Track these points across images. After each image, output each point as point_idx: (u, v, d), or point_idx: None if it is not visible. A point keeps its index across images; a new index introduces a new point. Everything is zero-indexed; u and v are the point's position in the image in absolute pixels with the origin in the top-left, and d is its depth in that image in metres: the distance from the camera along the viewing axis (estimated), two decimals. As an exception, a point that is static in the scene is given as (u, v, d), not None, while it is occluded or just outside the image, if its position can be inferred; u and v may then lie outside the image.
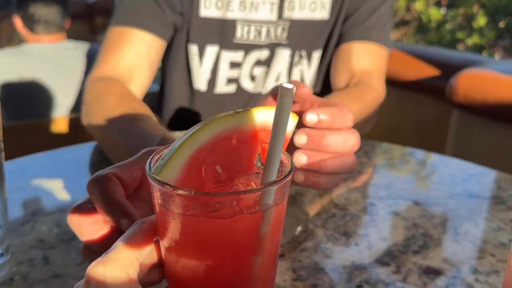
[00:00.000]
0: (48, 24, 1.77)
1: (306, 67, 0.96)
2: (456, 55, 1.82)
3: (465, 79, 1.51)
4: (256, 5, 0.89)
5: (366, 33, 0.90)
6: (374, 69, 0.89)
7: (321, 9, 0.92)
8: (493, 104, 1.44)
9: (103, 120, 0.71)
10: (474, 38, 6.77)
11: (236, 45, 0.91)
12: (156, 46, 0.86)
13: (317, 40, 0.94)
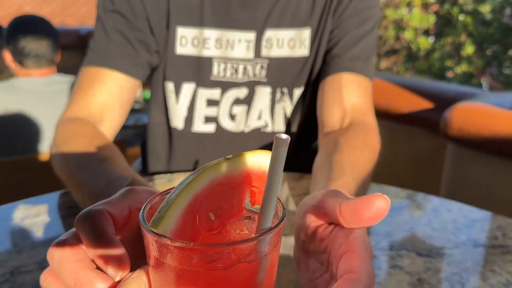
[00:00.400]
0: (38, 58, 1.76)
1: (289, 104, 0.94)
2: (449, 87, 1.83)
3: (459, 112, 1.51)
4: (232, 43, 0.88)
5: (351, 64, 0.87)
6: (365, 103, 0.87)
7: (300, 46, 0.90)
8: (488, 138, 1.43)
9: (72, 161, 0.69)
10: (462, 66, 6.89)
11: (213, 82, 0.90)
12: (129, 86, 0.86)
13: (298, 78, 0.92)
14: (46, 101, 1.73)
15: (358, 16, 0.88)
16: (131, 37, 0.85)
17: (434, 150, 1.76)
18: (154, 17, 0.86)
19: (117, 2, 0.84)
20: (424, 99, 1.77)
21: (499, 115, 1.43)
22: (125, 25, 0.85)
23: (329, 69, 0.88)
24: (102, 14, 0.86)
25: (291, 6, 0.88)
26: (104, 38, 0.85)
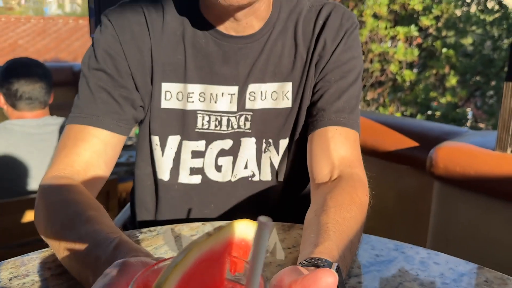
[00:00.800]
0: (31, 100, 1.77)
1: (275, 154, 0.95)
2: (434, 126, 1.88)
3: (444, 152, 1.55)
4: (215, 97, 0.90)
5: (336, 117, 0.88)
6: (353, 155, 0.88)
7: (283, 98, 0.92)
8: (473, 177, 1.47)
9: (56, 222, 0.69)
10: (447, 96, 7.05)
11: (197, 134, 0.91)
12: (114, 142, 0.87)
13: (282, 129, 0.94)
14: (38, 143, 1.74)
15: (340, 68, 0.90)
16: (116, 94, 0.86)
17: (421, 188, 1.79)
18: (139, 75, 0.88)
19: (102, 61, 0.86)
20: (409, 137, 1.81)
21: (483, 155, 1.47)
22: (110, 83, 0.86)
23: (316, 123, 0.89)
24: (87, 72, 0.87)
25: (272, 62, 0.90)
26: (88, 96, 0.86)
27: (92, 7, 3.54)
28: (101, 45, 0.87)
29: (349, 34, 0.91)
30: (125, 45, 0.86)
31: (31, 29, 11.32)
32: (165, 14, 0.89)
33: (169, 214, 0.98)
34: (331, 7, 0.92)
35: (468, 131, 1.72)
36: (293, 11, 0.92)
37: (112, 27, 0.87)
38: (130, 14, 0.88)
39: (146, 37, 0.88)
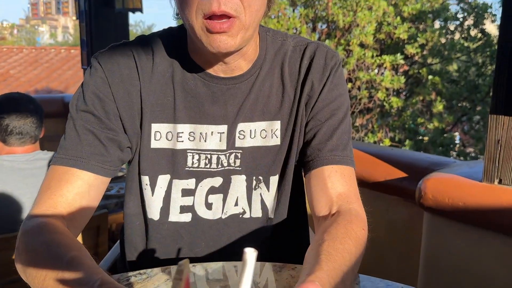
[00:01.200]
0: (22, 136, 1.77)
1: (265, 190, 0.96)
2: (422, 156, 1.90)
3: (432, 183, 1.57)
4: (204, 136, 0.92)
5: (330, 156, 0.91)
6: (350, 191, 0.90)
7: (272, 136, 0.94)
8: (462, 209, 1.49)
9: (38, 263, 0.69)
10: (434, 122, 7.15)
11: (187, 172, 0.92)
12: (98, 183, 0.87)
13: (272, 165, 0.95)
14: (28, 179, 1.73)
15: (329, 107, 0.93)
16: (102, 136, 0.87)
17: (411, 218, 1.80)
18: (127, 117, 0.89)
19: (90, 103, 0.87)
20: (398, 168, 1.83)
21: (471, 187, 1.49)
22: (97, 125, 0.87)
23: (312, 163, 0.92)
24: (75, 114, 0.88)
25: (260, 101, 0.93)
26: (74, 137, 0.86)
27: (84, 39, 3.58)
28: (90, 87, 0.88)
29: (334, 73, 0.94)
30: (114, 88, 0.88)
31: (23, 59, 11.35)
32: (154, 57, 0.91)
33: (159, 253, 0.98)
34: (314, 47, 0.95)
35: (456, 161, 1.75)
36: (278, 52, 0.95)
37: (101, 70, 0.88)
38: (120, 57, 0.90)
39: (136, 80, 0.89)
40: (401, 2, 7.00)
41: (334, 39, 7.08)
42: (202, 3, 0.76)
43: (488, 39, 7.57)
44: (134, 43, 0.93)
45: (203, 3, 0.76)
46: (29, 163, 1.76)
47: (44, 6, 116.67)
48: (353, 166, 0.93)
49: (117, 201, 2.42)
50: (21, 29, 52.64)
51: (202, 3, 0.76)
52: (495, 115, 1.41)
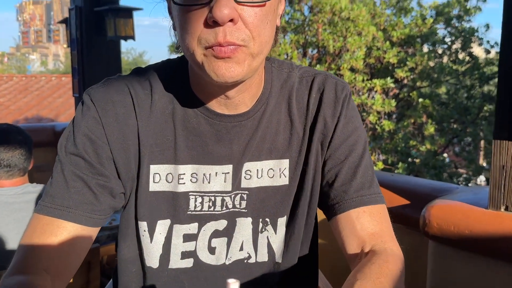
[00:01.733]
0: (10, 168, 1.71)
1: (272, 233, 0.89)
2: (424, 183, 1.87)
3: (437, 210, 1.53)
4: (208, 177, 0.84)
5: (358, 197, 0.84)
6: (382, 230, 0.83)
7: (280, 176, 0.87)
8: (468, 237, 1.44)
9: None
10: (426, 144, 7.18)
11: (189, 216, 0.85)
12: (86, 234, 0.80)
13: (280, 206, 0.88)
14: (16, 213, 1.66)
15: (346, 143, 0.87)
16: (93, 183, 0.79)
17: (415, 247, 1.75)
18: (121, 160, 0.81)
19: (81, 146, 0.79)
20: (399, 195, 1.79)
21: (477, 214, 1.45)
22: (87, 170, 0.79)
23: (339, 206, 0.85)
24: (63, 157, 0.80)
25: (268, 139, 0.86)
26: (62, 184, 0.79)
27: (76, 68, 3.55)
28: (81, 128, 0.80)
29: (346, 106, 0.87)
30: (108, 129, 0.80)
31: (13, 87, 11.30)
32: (153, 93, 0.83)
33: None
34: (322, 79, 0.88)
35: (459, 187, 1.71)
36: (284, 85, 0.88)
37: (94, 109, 0.80)
38: (115, 94, 0.82)
39: (132, 119, 0.82)
40: (390, 27, 7.12)
41: (325, 64, 7.15)
42: (205, 33, 0.68)
43: (476, 62, 7.70)
44: (131, 77, 0.85)
45: (206, 32, 0.68)
46: (18, 196, 1.69)
47: (35, 34, 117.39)
48: (382, 203, 0.86)
49: (109, 233, 2.35)
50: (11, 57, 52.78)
51: (206, 33, 0.68)
52: (498, 140, 1.39)
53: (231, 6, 0.67)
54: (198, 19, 0.69)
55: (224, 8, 0.66)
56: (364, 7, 6.78)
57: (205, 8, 0.68)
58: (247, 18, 0.69)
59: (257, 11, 0.69)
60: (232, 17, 0.67)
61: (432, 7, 7.72)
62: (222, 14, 0.66)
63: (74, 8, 3.42)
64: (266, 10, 0.71)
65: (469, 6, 7.61)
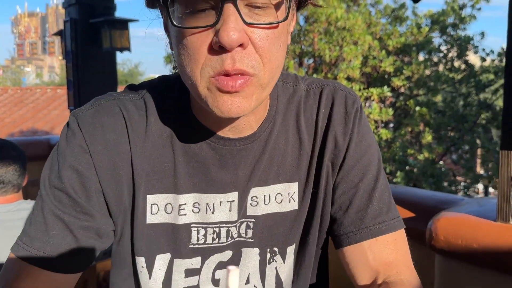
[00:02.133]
0: (3, 185, 1.66)
1: (281, 263, 0.82)
2: (429, 195, 1.83)
3: (443, 223, 1.49)
4: (212, 207, 0.76)
5: (376, 226, 0.77)
6: (398, 259, 0.77)
7: (289, 201, 0.79)
8: (476, 250, 1.40)
9: None
10: (424, 153, 7.17)
11: (192, 250, 0.77)
12: (67, 280, 0.73)
13: (290, 234, 0.81)
14: (10, 231, 1.60)
15: (360, 164, 0.79)
16: (75, 226, 0.71)
17: (422, 261, 1.71)
18: (113, 191, 0.73)
19: (66, 179, 0.71)
20: (404, 207, 1.75)
21: (485, 227, 1.41)
22: (71, 208, 0.71)
23: (354, 236, 0.78)
24: (45, 191, 0.72)
25: (275, 162, 0.78)
26: (41, 225, 0.71)
27: (71, 80, 3.52)
28: (67, 158, 0.71)
29: (358, 122, 0.79)
30: (96, 158, 0.71)
31: (8, 100, 11.26)
32: (148, 114, 0.74)
33: None
34: (331, 92, 0.80)
35: (464, 199, 1.68)
36: (291, 100, 0.80)
37: (81, 135, 0.72)
38: (104, 117, 0.73)
39: (125, 145, 0.73)
40: (386, 36, 7.15)
41: (321, 73, 7.16)
42: (210, 59, 0.60)
43: (472, 70, 7.74)
44: (123, 96, 0.76)
45: (211, 59, 0.60)
46: (12, 214, 1.64)
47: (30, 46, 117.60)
48: (401, 227, 0.80)
49: (106, 250, 2.29)
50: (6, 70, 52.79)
51: (211, 60, 0.60)
52: (506, 151, 1.35)
53: (241, 29, 0.59)
54: (201, 44, 0.60)
55: (232, 31, 0.58)
56: (360, 16, 6.81)
57: (209, 31, 0.60)
58: (258, 42, 0.61)
59: (269, 33, 0.62)
60: (242, 41, 0.59)
61: (427, 16, 7.77)
62: (231, 40, 0.58)
63: (69, 20, 3.39)
64: (279, 31, 0.63)
65: (464, 14, 7.66)
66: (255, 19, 0.60)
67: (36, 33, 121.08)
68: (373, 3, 7.79)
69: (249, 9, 0.60)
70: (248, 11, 0.60)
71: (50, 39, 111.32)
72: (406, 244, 0.81)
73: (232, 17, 0.58)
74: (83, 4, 3.37)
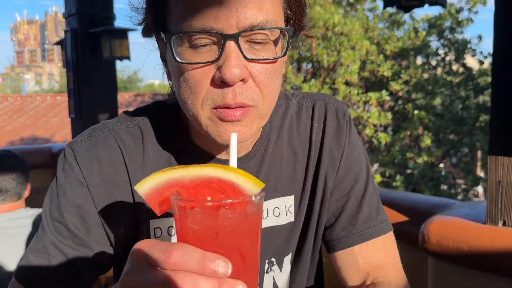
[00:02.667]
0: (2, 193, 1.69)
1: (278, 272, 0.85)
2: (422, 199, 1.87)
3: (435, 227, 1.52)
4: None
5: (366, 231, 0.81)
6: (386, 262, 0.81)
7: (286, 214, 0.82)
8: (467, 252, 1.44)
9: None
10: (423, 156, 7.19)
11: None
12: None
13: (286, 245, 0.84)
14: (10, 238, 1.65)
15: (351, 172, 0.83)
16: (75, 257, 0.73)
17: (415, 264, 1.74)
18: (112, 221, 0.75)
19: (66, 212, 0.73)
20: (398, 211, 1.79)
21: (475, 230, 1.45)
22: (70, 240, 0.73)
23: (345, 240, 0.82)
24: (47, 222, 0.75)
25: (272, 177, 0.81)
26: (43, 255, 0.74)
27: (72, 89, 3.55)
28: (66, 192, 0.74)
29: (349, 132, 0.84)
30: (94, 191, 0.73)
31: (8, 108, 11.30)
32: (145, 142, 0.76)
33: None
34: (323, 107, 0.84)
35: (456, 202, 1.71)
36: (284, 117, 0.83)
37: (78, 169, 0.73)
38: (100, 149, 0.75)
39: (122, 176, 0.75)
40: (383, 41, 7.19)
41: (319, 78, 7.20)
42: (212, 93, 0.63)
43: (470, 73, 7.77)
44: (118, 125, 0.77)
45: (213, 92, 0.63)
46: (12, 222, 1.68)
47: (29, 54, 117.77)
48: (389, 230, 0.84)
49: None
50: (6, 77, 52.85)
51: (212, 93, 0.63)
52: (494, 156, 1.39)
53: (242, 65, 0.61)
54: (203, 78, 0.63)
55: (234, 67, 0.60)
56: (357, 21, 6.85)
57: (211, 66, 0.62)
58: (258, 76, 0.64)
59: (268, 68, 0.64)
60: (243, 77, 0.62)
61: (424, 20, 7.81)
62: (233, 76, 0.60)
63: (69, 30, 3.44)
64: (277, 65, 0.66)
65: (461, 18, 7.70)
66: (255, 55, 0.63)
67: (35, 40, 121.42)
68: (370, 8, 7.84)
69: (249, 45, 0.63)
70: (249, 46, 0.63)
71: (49, 47, 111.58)
72: (395, 246, 0.85)
73: (234, 54, 0.61)
74: (83, 14, 3.42)
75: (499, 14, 1.40)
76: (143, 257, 0.49)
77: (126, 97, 12.56)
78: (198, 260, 0.47)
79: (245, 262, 0.50)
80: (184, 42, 0.63)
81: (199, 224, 0.49)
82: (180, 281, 0.46)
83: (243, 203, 0.50)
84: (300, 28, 0.71)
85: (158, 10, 0.66)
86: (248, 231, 0.51)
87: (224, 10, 0.60)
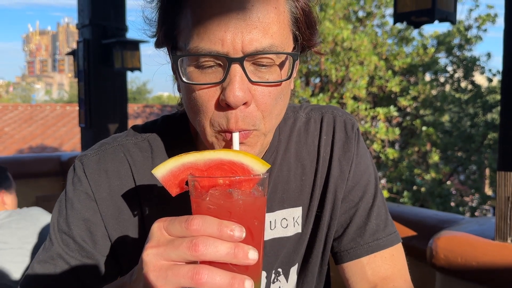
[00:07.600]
0: None
1: (284, 283, 0.85)
2: (430, 214, 1.86)
3: (443, 242, 1.52)
4: None
5: (374, 242, 0.81)
6: (394, 273, 0.82)
7: (294, 225, 0.83)
8: (476, 268, 1.43)
9: None
10: (431, 173, 7.15)
11: None
12: None
13: (293, 255, 0.84)
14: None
15: (360, 184, 0.84)
16: (81, 268, 0.75)
17: (423, 279, 1.73)
18: (118, 234, 0.76)
19: (73, 225, 0.74)
20: (406, 226, 1.79)
21: (484, 246, 1.44)
22: (76, 253, 0.75)
23: (353, 252, 0.83)
24: (54, 234, 0.76)
25: (280, 189, 0.82)
26: (48, 265, 0.75)
27: (82, 98, 3.60)
28: (74, 205, 0.75)
29: (357, 144, 0.84)
30: (101, 205, 0.75)
31: (18, 116, 11.43)
32: (154, 156, 0.78)
33: None
34: (331, 119, 0.85)
35: (464, 218, 1.71)
36: (292, 129, 0.84)
37: (87, 183, 0.75)
38: (109, 163, 0.76)
39: (130, 190, 0.76)
40: (392, 57, 7.22)
41: (328, 92, 7.22)
42: (217, 116, 0.65)
43: (478, 90, 7.75)
44: (127, 140, 0.79)
45: (218, 115, 0.65)
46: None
47: (40, 64, 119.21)
48: (398, 242, 0.84)
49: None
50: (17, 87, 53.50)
51: (217, 116, 0.65)
52: (503, 171, 1.39)
53: (246, 88, 0.63)
54: (209, 99, 0.65)
55: (238, 91, 0.62)
56: (366, 37, 6.89)
57: (217, 87, 0.64)
58: (261, 99, 0.65)
59: (271, 90, 0.66)
60: (246, 100, 0.63)
61: (433, 37, 7.84)
62: (236, 99, 0.62)
63: (82, 41, 3.50)
64: (281, 88, 0.67)
65: (470, 35, 7.71)
66: (260, 77, 0.65)
67: (47, 51, 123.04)
68: (379, 24, 7.89)
69: (255, 67, 0.65)
70: (254, 68, 0.64)
71: (60, 57, 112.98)
72: (404, 258, 0.85)
73: (238, 77, 0.62)
74: (96, 25, 3.48)
75: (509, 32, 1.42)
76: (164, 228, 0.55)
77: (135, 108, 12.68)
78: (216, 226, 0.52)
79: (254, 239, 0.56)
80: (191, 63, 0.65)
81: (214, 204, 0.54)
82: (201, 244, 0.52)
83: (254, 180, 0.56)
84: (309, 46, 0.72)
85: (169, 27, 0.68)
86: (257, 211, 0.57)
87: (230, 34, 0.61)
